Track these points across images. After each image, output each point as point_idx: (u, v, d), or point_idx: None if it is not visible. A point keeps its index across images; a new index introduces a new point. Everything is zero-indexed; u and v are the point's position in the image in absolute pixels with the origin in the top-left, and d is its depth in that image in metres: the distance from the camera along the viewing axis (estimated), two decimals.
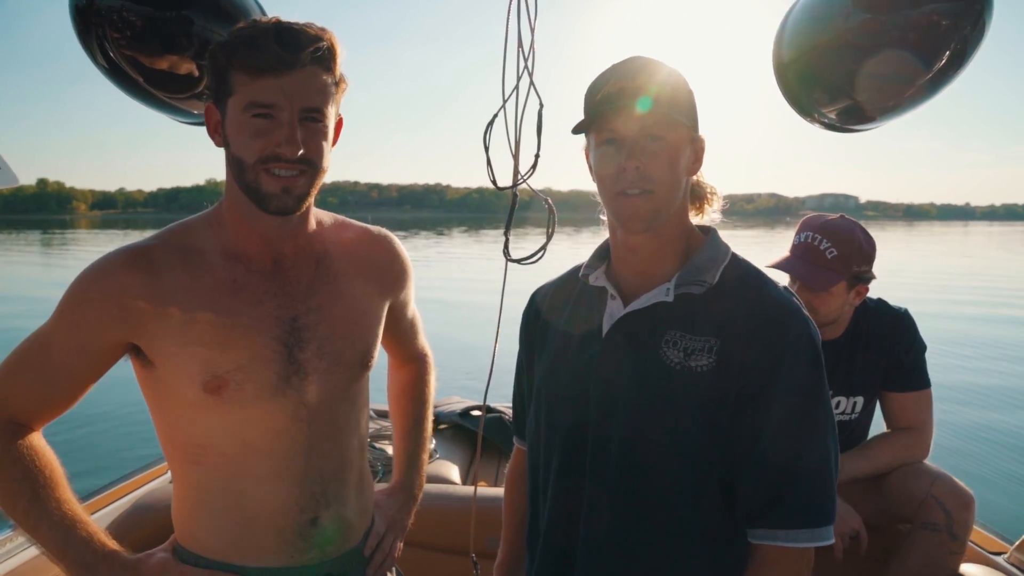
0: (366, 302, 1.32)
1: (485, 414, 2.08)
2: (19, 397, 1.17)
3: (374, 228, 1.39)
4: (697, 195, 1.30)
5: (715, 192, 1.32)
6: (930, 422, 2.04)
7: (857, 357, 2.04)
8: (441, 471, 2.63)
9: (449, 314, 12.29)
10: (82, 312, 1.14)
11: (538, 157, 1.43)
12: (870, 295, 2.07)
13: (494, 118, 1.43)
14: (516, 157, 1.45)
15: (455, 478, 2.63)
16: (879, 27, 1.59)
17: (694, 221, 1.29)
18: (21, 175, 1.80)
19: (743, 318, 1.14)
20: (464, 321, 10.67)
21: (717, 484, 1.16)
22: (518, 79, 1.42)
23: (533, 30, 1.41)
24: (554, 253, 1.45)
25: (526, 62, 1.42)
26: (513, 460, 1.55)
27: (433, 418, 1.65)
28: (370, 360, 1.31)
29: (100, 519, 2.08)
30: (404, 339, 1.54)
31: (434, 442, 2.85)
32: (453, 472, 2.67)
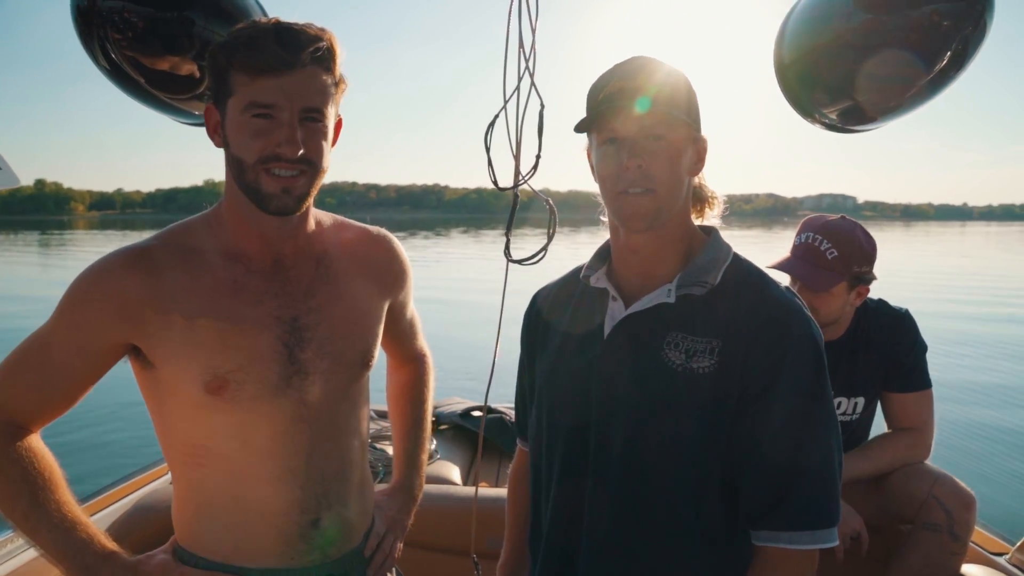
0: (366, 302, 1.32)
1: (486, 414, 2.08)
2: (18, 398, 1.17)
3: (373, 228, 1.39)
4: (699, 198, 1.30)
5: (716, 197, 1.32)
6: (931, 422, 2.04)
7: (858, 357, 2.04)
8: (442, 472, 2.62)
9: (449, 314, 12.28)
10: (82, 313, 1.14)
11: (539, 158, 1.43)
12: (871, 296, 2.07)
13: (495, 119, 1.43)
14: (517, 158, 1.45)
15: (456, 479, 2.63)
16: (880, 28, 1.59)
17: (695, 222, 1.28)
18: (20, 175, 1.79)
19: (745, 318, 1.14)
20: (464, 321, 10.66)
21: (719, 485, 1.15)
22: (519, 80, 1.42)
23: (534, 31, 1.41)
24: (552, 253, 1.45)
25: (527, 63, 1.42)
26: (516, 460, 1.55)
27: (433, 419, 1.65)
28: (371, 359, 1.31)
29: (100, 520, 2.07)
30: (403, 339, 1.54)
31: (435, 443, 2.85)
32: (454, 473, 2.66)
